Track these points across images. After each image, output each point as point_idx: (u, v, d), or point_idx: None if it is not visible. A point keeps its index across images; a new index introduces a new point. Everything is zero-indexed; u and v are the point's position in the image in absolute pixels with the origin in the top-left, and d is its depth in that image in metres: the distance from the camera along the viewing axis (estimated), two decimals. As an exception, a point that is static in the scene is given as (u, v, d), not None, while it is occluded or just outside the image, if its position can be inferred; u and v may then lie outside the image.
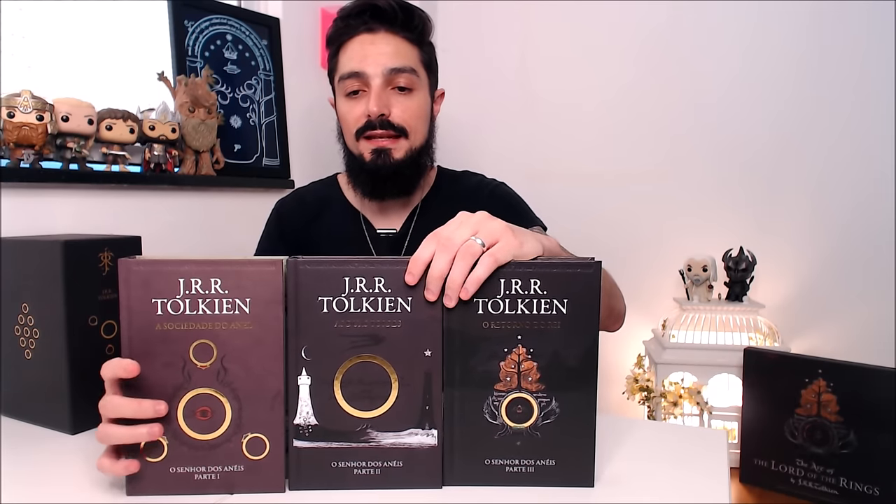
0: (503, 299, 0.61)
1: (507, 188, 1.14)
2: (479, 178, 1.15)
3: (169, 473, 0.60)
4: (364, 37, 0.99)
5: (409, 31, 1.00)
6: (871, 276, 1.65)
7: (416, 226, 1.06)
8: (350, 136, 1.01)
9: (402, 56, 0.99)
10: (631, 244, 1.85)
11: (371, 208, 1.08)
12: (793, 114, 1.70)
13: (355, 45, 0.99)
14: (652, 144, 1.83)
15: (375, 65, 0.97)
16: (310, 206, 1.11)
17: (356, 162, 1.01)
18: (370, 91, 0.97)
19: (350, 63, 0.99)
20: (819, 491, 1.33)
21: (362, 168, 1.00)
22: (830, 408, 1.32)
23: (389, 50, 0.98)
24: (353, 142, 1.01)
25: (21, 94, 1.01)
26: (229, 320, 0.59)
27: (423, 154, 1.03)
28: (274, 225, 1.12)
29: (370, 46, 0.98)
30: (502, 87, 1.97)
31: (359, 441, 0.61)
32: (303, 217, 1.10)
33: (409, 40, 1.00)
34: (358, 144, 1.00)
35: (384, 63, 0.97)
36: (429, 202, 1.09)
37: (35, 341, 0.81)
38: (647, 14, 1.81)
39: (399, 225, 1.07)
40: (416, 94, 1.00)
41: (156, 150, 1.25)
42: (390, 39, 0.98)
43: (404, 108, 0.98)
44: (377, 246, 1.06)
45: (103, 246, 0.83)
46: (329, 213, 1.10)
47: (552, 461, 0.63)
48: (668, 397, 1.53)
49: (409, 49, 1.00)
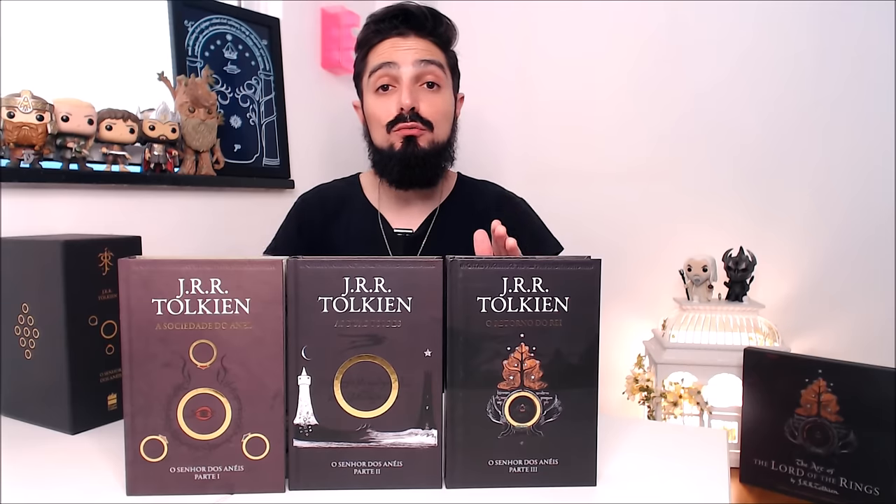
0: (506, 297, 0.61)
1: (529, 206, 1.16)
2: (500, 188, 1.17)
3: (169, 473, 0.60)
4: (395, 39, 1.03)
5: (436, 36, 1.05)
6: (871, 277, 1.64)
7: (434, 227, 1.08)
8: (380, 130, 1.04)
9: (432, 53, 1.04)
10: (631, 244, 1.85)
11: (390, 208, 1.10)
12: (793, 114, 1.70)
13: (386, 45, 1.03)
14: (652, 144, 1.83)
15: (406, 58, 1.01)
16: (331, 204, 1.13)
17: (385, 154, 1.04)
18: (400, 86, 1.01)
19: (381, 58, 1.03)
20: (819, 491, 1.33)
21: (392, 157, 1.03)
22: (830, 408, 1.31)
23: (420, 47, 1.03)
24: (382, 135, 1.04)
25: (21, 94, 1.01)
26: (229, 320, 0.59)
27: (445, 151, 1.06)
28: (293, 219, 1.15)
29: (401, 45, 1.02)
30: (502, 87, 1.97)
31: (359, 441, 0.61)
32: (323, 213, 1.12)
33: (437, 44, 1.05)
34: (389, 136, 1.03)
35: (415, 56, 1.01)
36: (448, 205, 1.10)
37: (35, 341, 0.81)
38: (647, 14, 1.81)
39: (416, 225, 1.08)
40: (442, 91, 1.05)
41: (156, 150, 1.25)
42: (420, 41, 1.03)
43: (431, 104, 1.03)
44: (393, 245, 1.07)
45: (103, 246, 0.83)
46: (348, 211, 1.12)
47: (555, 460, 0.63)
48: (668, 397, 1.53)
49: (437, 50, 1.05)
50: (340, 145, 1.81)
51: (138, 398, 0.59)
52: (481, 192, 1.14)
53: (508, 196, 1.15)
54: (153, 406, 0.59)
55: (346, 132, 1.78)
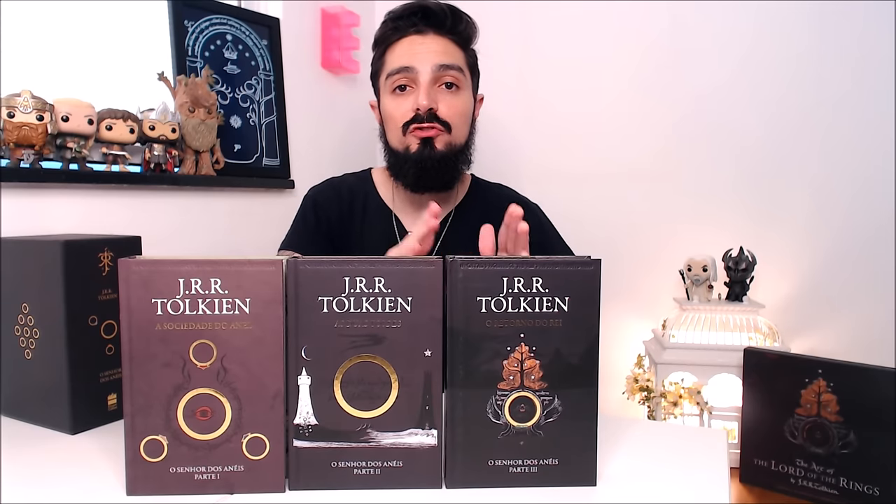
0: (506, 297, 0.61)
1: (543, 213, 1.15)
2: (514, 193, 1.16)
3: (169, 473, 0.60)
4: (413, 37, 1.01)
5: (455, 34, 1.02)
6: (872, 277, 1.64)
7: (448, 231, 1.06)
8: (396, 131, 1.02)
9: (451, 55, 1.01)
10: (631, 244, 1.85)
11: (404, 210, 1.08)
12: (793, 115, 1.70)
13: (404, 44, 1.01)
14: (653, 145, 1.83)
15: (425, 61, 0.99)
16: (345, 198, 1.11)
17: (401, 156, 1.02)
18: (418, 87, 0.99)
19: (399, 59, 1.00)
20: (819, 491, 1.33)
21: (407, 159, 1.01)
22: (830, 408, 1.31)
23: (439, 48, 1.00)
24: (398, 136, 1.02)
25: (21, 94, 1.01)
26: (229, 320, 0.59)
27: (462, 153, 1.04)
28: (311, 211, 1.11)
29: (420, 45, 1.00)
30: (502, 87, 1.97)
31: (359, 441, 0.61)
32: (338, 207, 1.10)
33: (456, 42, 1.03)
34: (405, 138, 1.01)
35: (434, 60, 0.99)
36: (463, 209, 1.09)
37: (35, 341, 0.81)
38: (649, 17, 1.81)
39: None
40: (461, 92, 1.02)
41: (156, 150, 1.25)
42: (439, 40, 1.01)
43: (450, 105, 1.01)
44: None
45: (103, 246, 0.83)
46: (362, 208, 1.10)
47: (555, 460, 0.63)
48: (668, 397, 1.53)
49: (456, 50, 1.03)
50: (341, 145, 1.81)
51: (138, 398, 0.59)
52: (496, 195, 1.13)
53: (523, 201, 1.13)
54: (153, 406, 0.59)
55: (346, 132, 1.78)
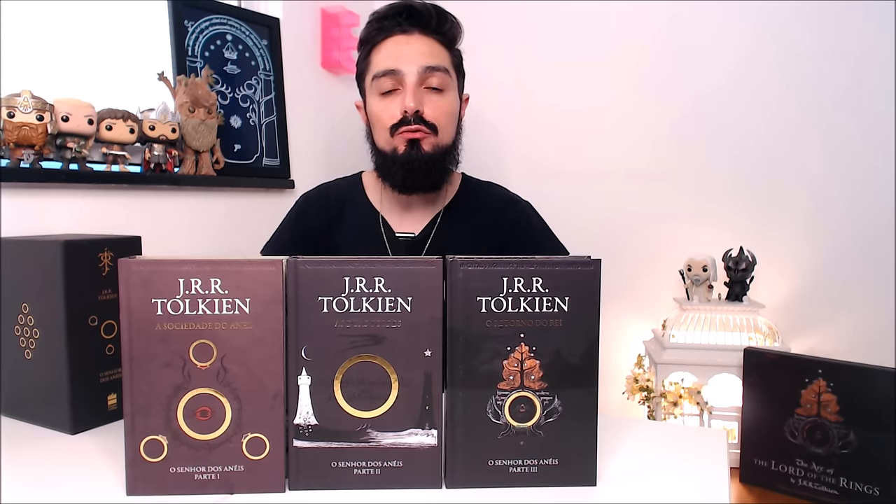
0: (506, 297, 0.61)
1: (534, 210, 1.14)
2: (504, 191, 1.15)
3: (169, 473, 0.60)
4: (399, 37, 1.00)
5: (441, 34, 1.02)
6: (872, 277, 1.64)
7: (437, 231, 1.06)
8: (383, 134, 1.02)
9: (436, 56, 1.01)
10: (631, 244, 1.85)
11: (392, 211, 1.08)
12: (793, 115, 1.70)
13: (390, 45, 1.01)
14: (652, 145, 1.83)
15: (411, 63, 0.99)
16: (332, 205, 1.12)
17: (388, 157, 1.02)
18: (405, 89, 0.99)
19: (385, 62, 1.00)
20: (819, 491, 1.33)
21: (395, 161, 1.01)
22: (830, 408, 1.32)
23: (424, 49, 1.00)
24: (386, 139, 1.02)
25: (21, 94, 1.01)
26: (229, 320, 0.59)
27: (449, 154, 1.04)
28: (294, 221, 1.13)
29: (405, 46, 1.00)
30: (501, 87, 1.97)
31: (359, 441, 0.61)
32: (325, 214, 1.11)
33: (441, 42, 1.02)
34: (392, 140, 1.01)
35: (419, 62, 0.99)
36: (452, 209, 1.09)
37: (35, 341, 0.81)
38: (648, 16, 1.81)
39: (418, 229, 1.07)
40: (447, 93, 1.02)
41: (156, 150, 1.25)
42: (424, 40, 1.01)
43: (435, 107, 1.01)
44: (395, 249, 1.06)
45: (103, 246, 0.83)
46: (350, 213, 1.10)
47: (555, 460, 0.63)
48: (668, 397, 1.53)
49: (441, 50, 1.02)
50: (340, 145, 1.81)
51: (138, 398, 0.59)
52: (486, 194, 1.12)
53: (514, 199, 1.13)
54: (153, 406, 0.59)
55: (346, 132, 1.78)
